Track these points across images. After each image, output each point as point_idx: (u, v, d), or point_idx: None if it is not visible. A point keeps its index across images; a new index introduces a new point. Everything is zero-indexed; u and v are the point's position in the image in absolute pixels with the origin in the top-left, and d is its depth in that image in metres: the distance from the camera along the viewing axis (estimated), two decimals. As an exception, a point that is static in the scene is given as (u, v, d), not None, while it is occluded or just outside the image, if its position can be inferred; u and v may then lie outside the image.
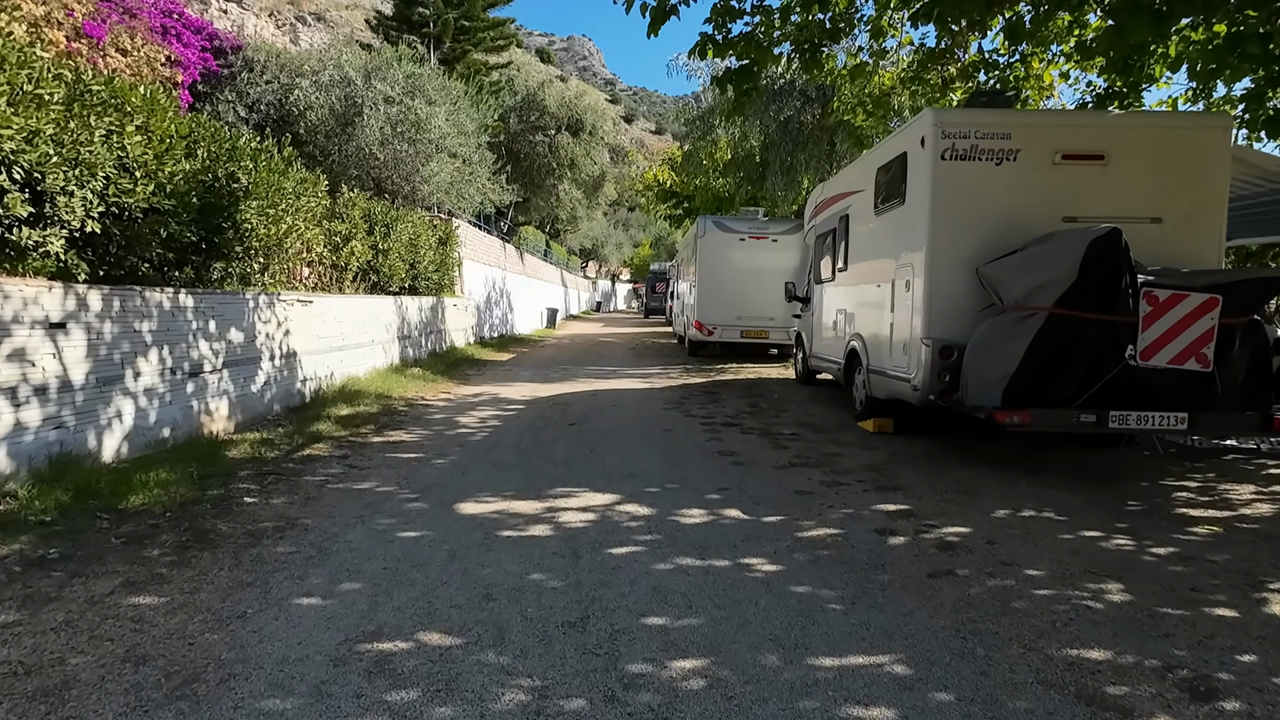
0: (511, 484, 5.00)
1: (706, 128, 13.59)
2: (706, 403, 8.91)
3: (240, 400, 6.62)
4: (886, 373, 6.57)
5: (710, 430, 7.11)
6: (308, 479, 4.98)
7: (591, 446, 6.27)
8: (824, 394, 9.70)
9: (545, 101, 21.91)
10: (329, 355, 8.72)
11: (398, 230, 11.48)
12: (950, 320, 5.75)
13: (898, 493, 4.90)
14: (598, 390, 9.99)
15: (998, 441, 6.62)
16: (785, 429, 7.23)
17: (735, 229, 13.97)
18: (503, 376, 11.53)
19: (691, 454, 6.05)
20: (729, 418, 7.83)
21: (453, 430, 6.94)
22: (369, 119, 11.23)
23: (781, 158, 12.25)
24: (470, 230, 18.26)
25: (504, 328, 21.21)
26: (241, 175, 6.75)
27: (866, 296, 7.31)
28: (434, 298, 13.62)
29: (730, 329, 14.10)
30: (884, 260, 6.78)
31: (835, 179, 8.86)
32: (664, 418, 7.81)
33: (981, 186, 5.72)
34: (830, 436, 6.87)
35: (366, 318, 10.08)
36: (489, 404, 8.64)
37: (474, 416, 7.71)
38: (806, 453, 6.13)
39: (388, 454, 5.86)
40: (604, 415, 7.92)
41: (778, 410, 8.38)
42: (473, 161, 13.62)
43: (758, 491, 4.90)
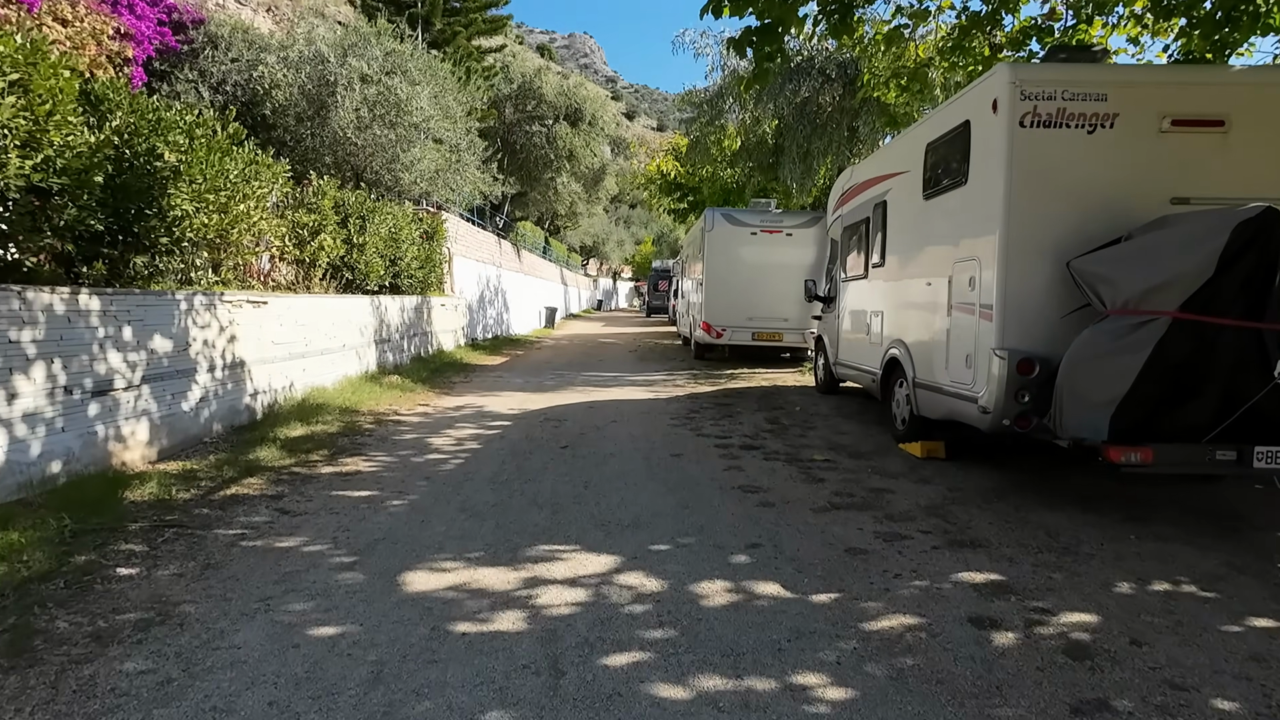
0: (481, 539, 3.90)
1: (715, 112, 12.48)
2: (719, 417, 7.80)
3: (166, 422, 5.52)
4: (941, 388, 5.46)
5: (727, 455, 6.00)
6: (219, 533, 3.88)
7: (586, 479, 5.17)
8: (851, 406, 8.59)
9: (542, 89, 20.78)
10: (288, 364, 7.63)
11: (375, 223, 10.39)
12: (1029, 326, 4.64)
13: (978, 551, 3.80)
14: (595, 401, 8.89)
15: (1070, 468, 5.52)
16: (815, 453, 6.12)
17: (746, 222, 12.85)
18: (491, 384, 10.43)
19: (708, 490, 4.94)
20: (747, 438, 6.72)
21: (421, 456, 5.84)
22: (343, 100, 10.13)
23: (798, 143, 11.14)
24: (462, 225, 17.16)
25: (499, 328, 20.12)
26: (168, 152, 5.65)
27: (912, 295, 6.20)
28: (418, 297, 12.53)
29: (741, 331, 12.99)
30: (936, 252, 5.67)
31: (868, 162, 7.74)
32: (671, 438, 6.70)
33: (1070, 160, 4.60)
34: (871, 464, 5.76)
35: (337, 320, 8.98)
36: (470, 420, 7.54)
37: (450, 437, 6.61)
38: (848, 488, 5.02)
39: (334, 491, 4.76)
40: (602, 434, 6.82)
41: (802, 428, 7.27)
42: (461, 149, 12.51)
43: (797, 549, 3.79)
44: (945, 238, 5.52)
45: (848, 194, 8.23)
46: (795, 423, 7.53)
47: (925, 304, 5.85)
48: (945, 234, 5.52)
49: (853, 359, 7.97)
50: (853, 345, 8.01)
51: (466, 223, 18.01)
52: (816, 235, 12.79)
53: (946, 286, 5.40)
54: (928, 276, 5.82)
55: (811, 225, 12.82)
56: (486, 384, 10.48)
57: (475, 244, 18.43)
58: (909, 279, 6.30)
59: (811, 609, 3.08)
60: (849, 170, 8.38)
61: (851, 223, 8.02)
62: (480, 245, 19.00)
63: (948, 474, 5.43)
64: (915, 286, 6.12)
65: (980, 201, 4.93)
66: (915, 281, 6.14)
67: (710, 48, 12.13)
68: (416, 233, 12.09)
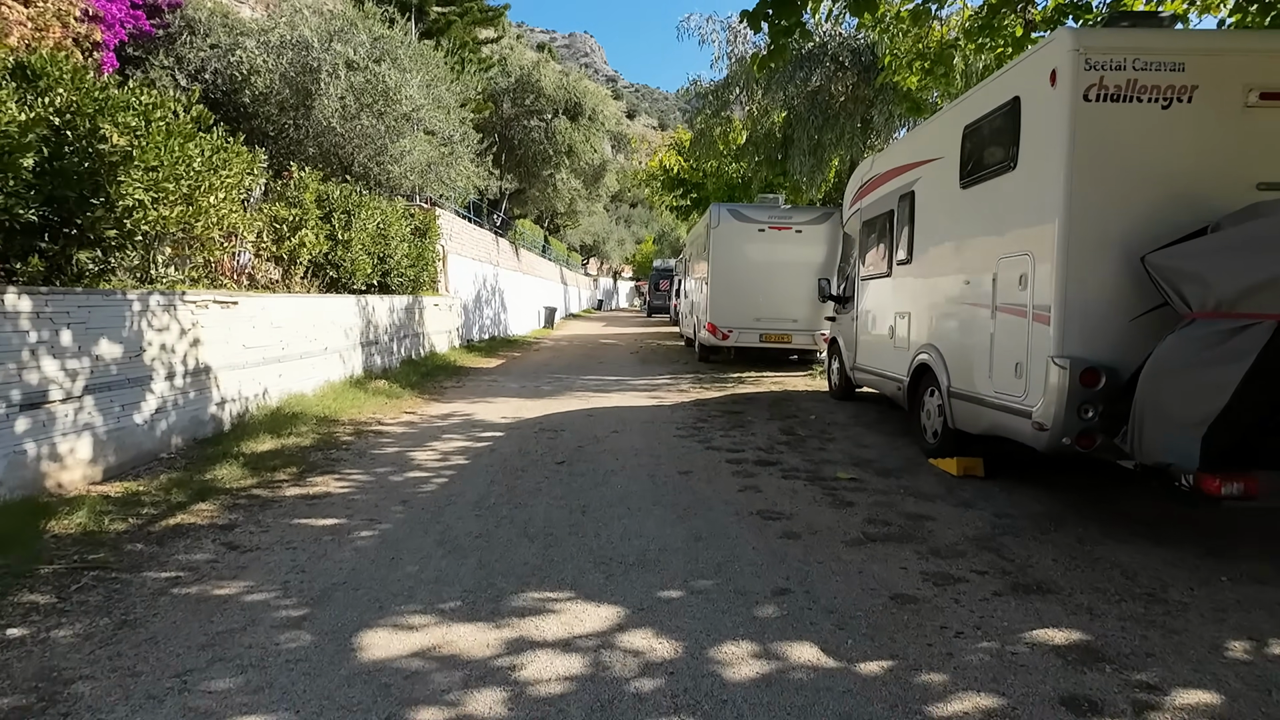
0: (459, 582, 3.30)
1: (720, 103, 11.88)
2: (729, 427, 7.20)
3: (114, 437, 4.92)
4: (983, 399, 4.86)
5: (742, 472, 5.40)
6: (149, 577, 3.29)
7: (584, 503, 4.57)
8: (870, 413, 7.99)
9: (541, 83, 20.16)
10: (263, 369, 7.03)
11: (362, 218, 9.79)
12: (1093, 331, 4.04)
13: (1049, 600, 3.20)
14: (595, 409, 8.29)
15: (1123, 487, 4.92)
16: (838, 469, 5.52)
17: (753, 218, 12.24)
18: (484, 390, 9.83)
19: (722, 516, 4.34)
20: (761, 451, 6.12)
21: (401, 474, 5.24)
22: (328, 87, 9.52)
23: (809, 134, 10.54)
24: (457, 222, 16.56)
25: (496, 329, 19.52)
26: (116, 134, 5.05)
27: (945, 295, 5.60)
28: (409, 297, 11.93)
29: (748, 332, 12.39)
30: (977, 247, 5.07)
31: (892, 150, 7.14)
32: (679, 451, 6.10)
33: (1140, 140, 4.00)
34: (902, 483, 5.16)
35: (318, 322, 8.38)
36: (459, 430, 6.93)
37: (435, 451, 6.01)
38: (881, 513, 4.42)
39: (296, 519, 4.16)
40: (602, 447, 6.22)
41: (820, 439, 6.67)
42: (454, 141, 11.90)
43: (834, 596, 3.19)
44: (987, 230, 4.91)
45: (867, 186, 7.62)
46: (812, 433, 6.92)
47: (962, 305, 5.24)
48: (987, 226, 4.92)
49: (873, 364, 7.36)
50: (873, 349, 7.40)
51: (462, 220, 17.41)
52: (827, 232, 12.20)
53: (990, 285, 4.79)
54: (966, 274, 5.21)
55: (822, 222, 12.23)
56: (479, 389, 9.88)
57: (471, 242, 17.83)
58: (942, 277, 5.70)
59: (861, 684, 2.48)
60: (869, 160, 7.78)
61: (872, 217, 7.41)
62: (476, 243, 18.40)
63: (991, 496, 4.83)
64: (950, 285, 5.52)
65: (1033, 189, 4.33)
66: (950, 279, 5.54)
67: (716, 33, 11.55)
68: (407, 229, 11.50)
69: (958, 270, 5.38)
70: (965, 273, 5.22)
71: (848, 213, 8.58)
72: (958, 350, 5.33)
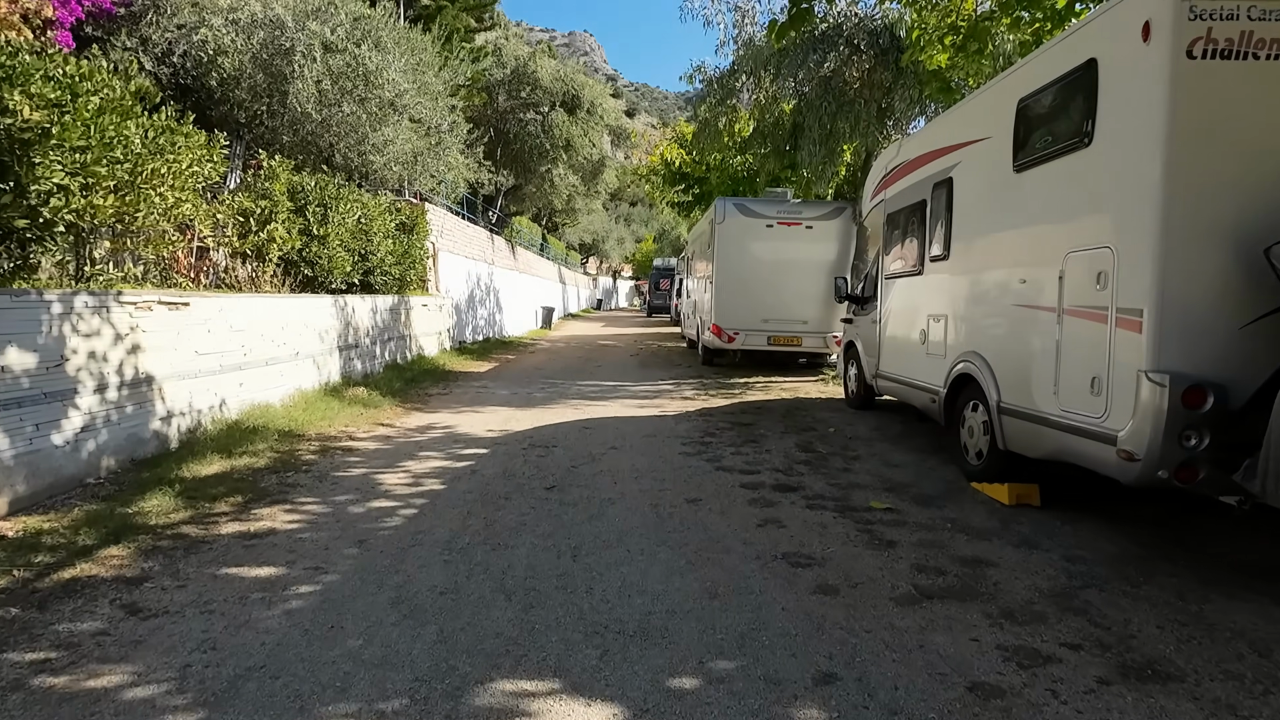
0: (410, 666, 2.56)
1: (726, 91, 11.15)
2: (740, 442, 6.47)
3: (23, 462, 4.19)
4: (1045, 418, 4.13)
5: (759, 500, 4.67)
6: (6, 660, 2.55)
7: (575, 544, 3.83)
8: (894, 426, 7.25)
9: (537, 74, 19.41)
10: (219, 378, 6.30)
11: (340, 211, 9.05)
12: (1196, 340, 3.31)
13: (1173, 690, 2.46)
14: (591, 419, 7.55)
15: (1203, 517, 4.21)
16: (870, 495, 4.79)
17: (761, 213, 11.51)
18: (472, 397, 9.09)
19: (742, 562, 3.61)
20: (779, 472, 5.39)
21: (363, 504, 4.50)
22: (303, 70, 8.78)
23: (821, 122, 9.81)
24: (449, 219, 15.83)
25: (490, 329, 18.78)
26: (27, 108, 4.31)
27: (993, 294, 4.87)
28: (395, 297, 11.19)
29: (755, 335, 11.65)
30: (1036, 238, 4.34)
31: (925, 132, 6.41)
32: (685, 472, 5.37)
33: (1259, 104, 3.27)
34: (946, 514, 4.43)
35: (289, 324, 7.65)
36: (438, 446, 6.20)
37: (407, 473, 5.27)
38: (930, 557, 3.69)
39: (224, 568, 3.42)
40: (599, 467, 5.49)
41: (844, 457, 5.94)
42: (442, 131, 11.16)
43: (894, 687, 2.46)
44: (1051, 219, 4.18)
45: (893, 175, 6.89)
46: (833, 450, 6.19)
47: (1016, 307, 4.51)
48: (1051, 214, 4.18)
49: (900, 371, 6.63)
50: (900, 355, 6.67)
51: (455, 216, 16.67)
52: (839, 228, 11.48)
53: (1054, 284, 4.06)
54: (1020, 271, 4.48)
55: (834, 217, 11.49)
56: (467, 396, 9.14)
57: (464, 239, 17.09)
58: (988, 274, 4.96)
59: (959, 847, 1.74)
60: (894, 146, 7.04)
61: (899, 208, 6.68)
62: (470, 241, 17.66)
63: (1053, 532, 4.10)
64: (999, 284, 4.79)
65: (1116, 167, 3.60)
66: (999, 277, 4.81)
67: (722, 15, 10.81)
68: (391, 224, 10.76)
69: (1010, 266, 4.64)
70: (1020, 269, 4.49)
71: (868, 205, 7.85)
72: (1010, 359, 4.60)
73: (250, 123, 9.53)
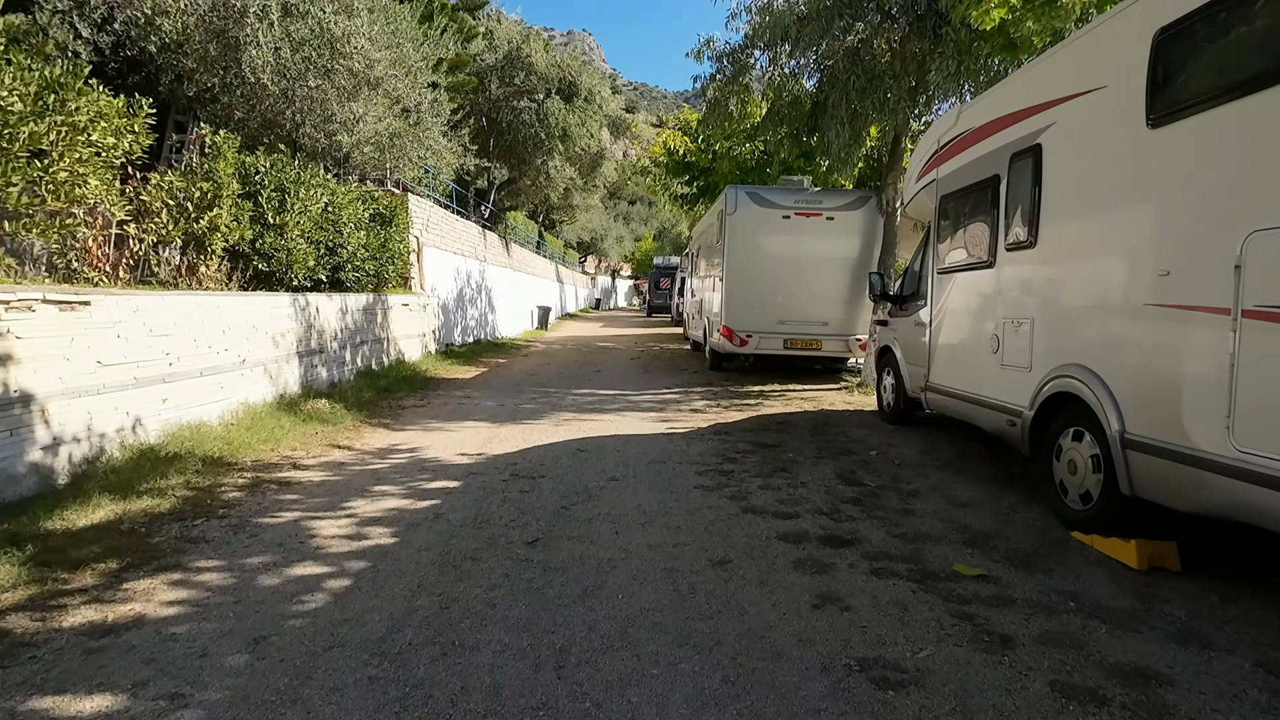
0: None
1: (738, 67, 10.05)
2: (768, 470, 5.34)
3: None
4: (1212, 460, 3.00)
5: (807, 562, 3.54)
6: None
7: (563, 642, 2.71)
8: (944, 446, 6.13)
9: (531, 58, 18.26)
10: (134, 393, 5.16)
11: (301, 198, 7.92)
12: None
13: None
14: (588, 439, 6.43)
15: None
16: (947, 550, 3.67)
17: (777, 203, 10.39)
18: (451, 410, 7.95)
19: (802, 679, 2.48)
20: (824, 515, 4.27)
21: (280, 572, 3.36)
22: (257, 35, 7.64)
23: (849, 98, 8.69)
24: (435, 211, 14.69)
25: (481, 331, 17.64)
26: None
27: (1114, 290, 3.75)
28: (369, 295, 10.05)
29: (770, 338, 10.52)
30: (1190, 213, 3.21)
31: (994, 94, 5.27)
32: (705, 516, 4.25)
33: None
34: (1057, 583, 3.31)
35: (232, 327, 6.51)
36: (399, 477, 5.07)
37: (350, 519, 4.14)
38: (1071, 668, 2.57)
39: (30, 700, 2.29)
40: (595, 509, 4.37)
41: (898, 492, 4.82)
42: (421, 110, 10.02)
43: None
44: (1218, 186, 3.05)
45: (949, 148, 5.77)
46: (884, 482, 5.07)
47: (1152, 306, 3.39)
48: (1217, 181, 3.06)
49: (960, 385, 5.50)
50: (960, 365, 5.55)
51: (442, 209, 15.52)
52: (863, 219, 10.38)
53: (1225, 275, 2.93)
54: (1161, 258, 3.35)
55: (858, 206, 10.38)
56: (446, 409, 8.00)
57: (453, 234, 15.95)
58: (1102, 263, 3.84)
59: None
60: (950, 114, 5.91)
61: (958, 188, 5.56)
62: (459, 236, 16.52)
63: (1219, 615, 2.98)
64: (1121, 276, 3.67)
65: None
66: (1119, 267, 3.69)
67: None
68: (364, 214, 9.62)
69: (1140, 253, 3.52)
70: (1159, 256, 3.36)
71: (912, 188, 6.72)
72: (1141, 377, 3.47)
73: (200, 97, 8.39)
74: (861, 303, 10.41)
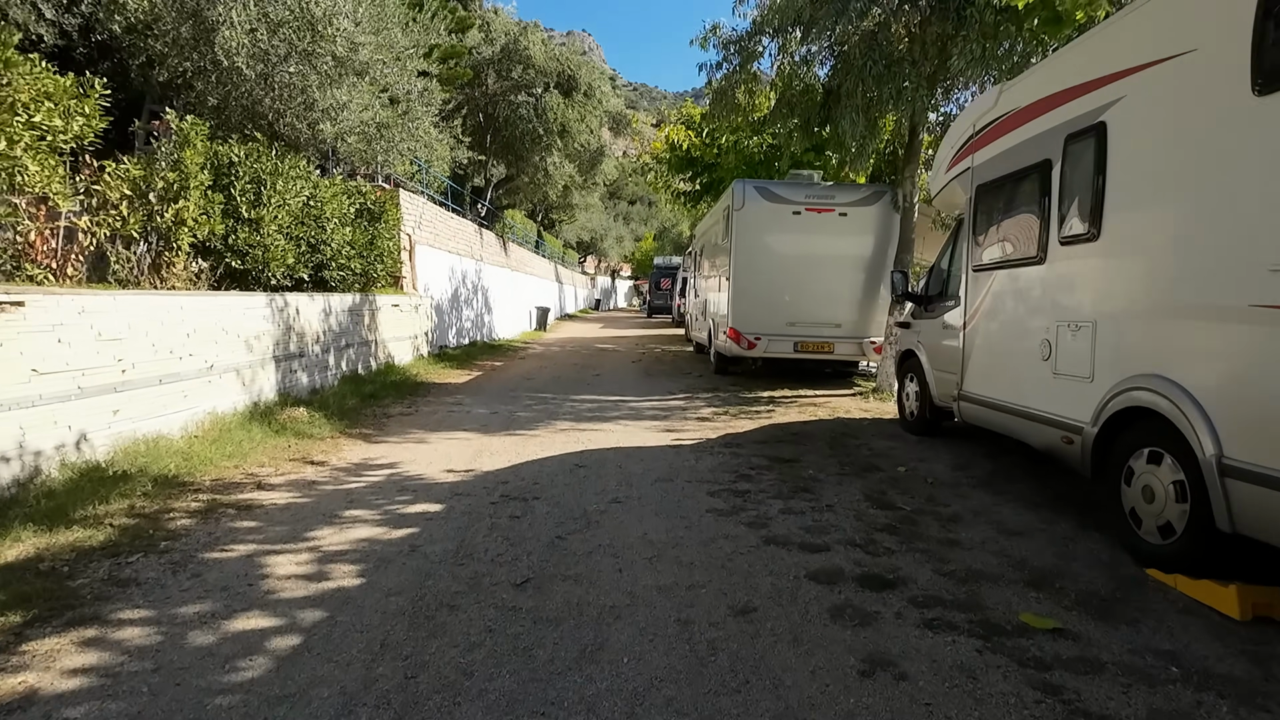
0: None
1: (746, 54, 9.51)
2: (788, 490, 4.79)
3: None
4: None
5: (845, 609, 2.99)
6: None
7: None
8: (978, 460, 5.59)
9: (529, 52, 17.71)
10: (78, 404, 4.61)
11: (280, 190, 7.38)
12: None
13: None
14: (587, 452, 5.88)
15: None
16: (1008, 594, 3.13)
17: (787, 198, 9.84)
18: (440, 419, 7.40)
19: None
20: (858, 548, 3.72)
21: (216, 628, 2.81)
22: (230, 14, 7.08)
23: (865, 86, 8.15)
24: (429, 208, 14.13)
25: (477, 332, 17.08)
26: None
27: (1206, 288, 3.19)
28: (356, 295, 9.50)
29: (780, 340, 9.97)
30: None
31: (1044, 69, 4.72)
32: (722, 549, 3.69)
33: None
34: (1151, 642, 2.76)
35: (198, 329, 5.96)
36: (374, 500, 4.51)
37: (312, 554, 3.58)
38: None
39: None
40: (595, 539, 3.82)
41: (937, 517, 4.27)
42: (411, 99, 9.47)
43: None
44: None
45: (987, 132, 5.22)
46: (919, 504, 4.51)
47: (1260, 308, 2.83)
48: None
49: (1002, 395, 4.95)
50: (1002, 373, 5.00)
51: (436, 206, 14.97)
52: (878, 215, 9.84)
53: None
54: (1272, 253, 2.80)
55: (873, 202, 9.84)
56: (434, 418, 7.45)
57: (448, 232, 15.39)
58: (1189, 258, 3.28)
59: None
60: (987, 95, 5.36)
61: (999, 176, 5.01)
62: (454, 234, 15.96)
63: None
64: (1216, 272, 3.12)
65: None
66: (1211, 262, 3.13)
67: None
68: (350, 209, 9.07)
69: (1242, 245, 2.97)
70: (1269, 248, 2.81)
71: (941, 178, 6.17)
72: (1249, 391, 2.92)
73: (173, 84, 7.84)
74: (876, 304, 9.88)
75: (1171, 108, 3.39)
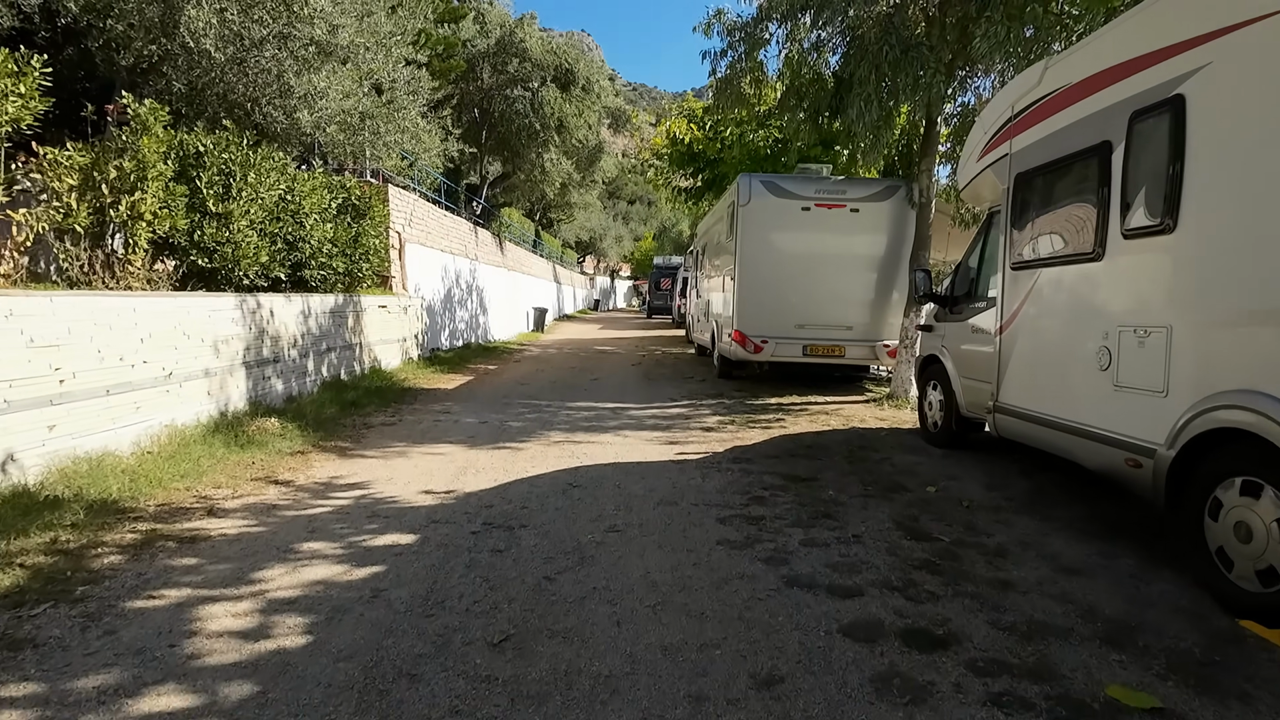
0: None
1: (752, 42, 8.99)
2: (807, 516, 4.26)
3: None
4: None
5: (890, 679, 2.46)
6: None
7: None
8: (1013, 478, 5.06)
9: (526, 43, 17.17)
10: (5, 419, 4.06)
11: (252, 182, 6.84)
12: None
13: None
14: (581, 469, 5.34)
15: None
16: (1084, 655, 2.59)
17: (796, 193, 9.32)
18: (424, 430, 6.85)
19: None
20: (895, 591, 3.18)
21: (115, 713, 2.27)
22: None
23: (879, 72, 7.63)
24: (420, 205, 13.59)
25: (472, 334, 16.55)
26: None
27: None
28: (339, 295, 8.96)
29: (788, 344, 9.44)
30: None
31: (1099, 40, 4.17)
32: (736, 594, 3.16)
33: None
34: (1262, 715, 2.22)
35: (155, 333, 5.41)
36: (338, 529, 3.97)
37: (255, 602, 3.03)
38: None
39: None
40: (589, 582, 3.28)
41: (981, 549, 3.73)
42: (396, 87, 8.94)
43: None
44: None
45: (1028, 115, 4.68)
46: (958, 534, 3.98)
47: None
48: None
49: (1048, 407, 4.41)
50: (1049, 382, 4.46)
51: (428, 203, 14.43)
52: (892, 211, 9.32)
53: None
54: None
55: (886, 197, 9.31)
56: (418, 428, 6.91)
57: (440, 230, 14.85)
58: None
59: None
60: (1033, 72, 4.80)
61: (1044, 162, 4.47)
62: (448, 232, 15.42)
63: None
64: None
65: None
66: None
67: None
68: (332, 204, 8.52)
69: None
70: None
71: (972, 167, 5.63)
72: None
73: (138, 68, 7.29)
74: (889, 305, 9.35)
75: (1271, 74, 2.85)
